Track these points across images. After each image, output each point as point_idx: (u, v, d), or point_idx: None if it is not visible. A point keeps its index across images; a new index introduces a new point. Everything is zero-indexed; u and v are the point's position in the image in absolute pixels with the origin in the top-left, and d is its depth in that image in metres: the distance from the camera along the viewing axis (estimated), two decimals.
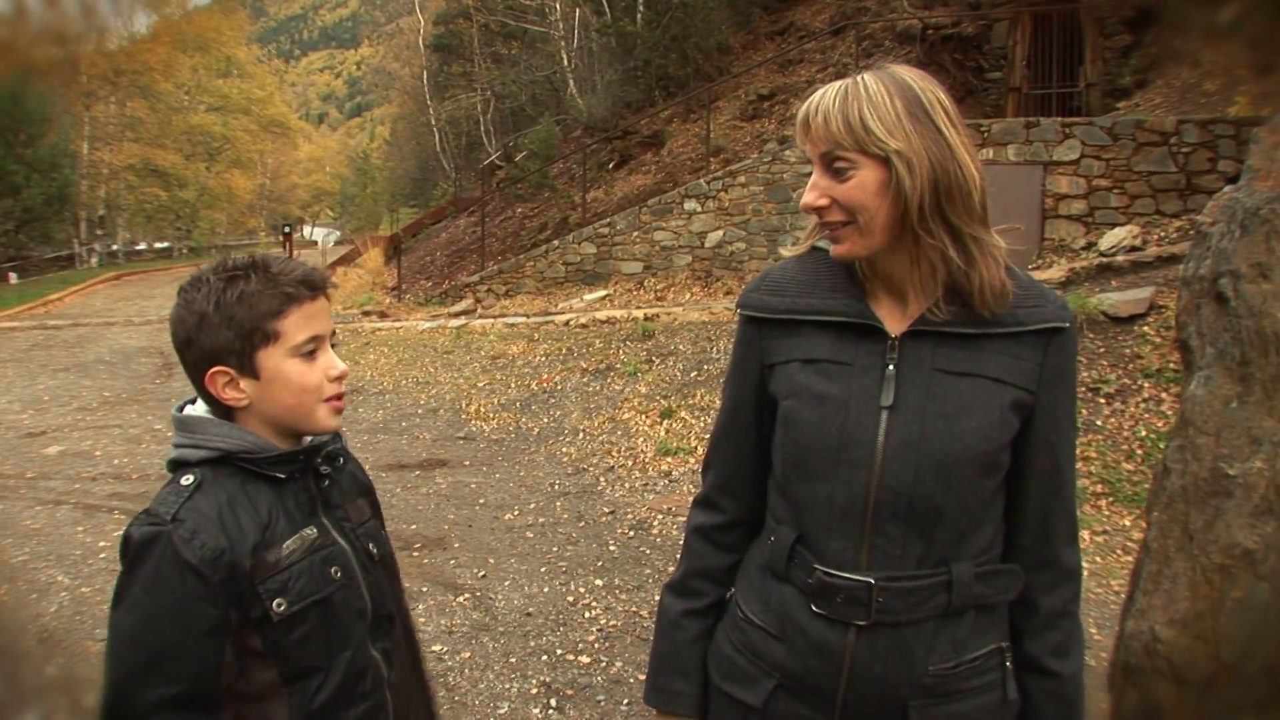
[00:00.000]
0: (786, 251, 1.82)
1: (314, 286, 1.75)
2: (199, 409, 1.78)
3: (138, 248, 45.33)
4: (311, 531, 1.75)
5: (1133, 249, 11.12)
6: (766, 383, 1.78)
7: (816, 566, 1.68)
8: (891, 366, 1.66)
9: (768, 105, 17.55)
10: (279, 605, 1.66)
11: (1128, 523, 6.68)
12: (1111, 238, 11.44)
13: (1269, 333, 2.50)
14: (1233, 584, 2.42)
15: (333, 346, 1.79)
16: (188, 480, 1.68)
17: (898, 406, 1.64)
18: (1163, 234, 11.39)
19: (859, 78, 1.64)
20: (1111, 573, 5.94)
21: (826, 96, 1.65)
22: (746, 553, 1.89)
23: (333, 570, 1.75)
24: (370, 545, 1.88)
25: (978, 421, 1.63)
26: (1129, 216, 11.94)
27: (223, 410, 1.75)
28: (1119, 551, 6.27)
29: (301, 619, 1.69)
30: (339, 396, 1.78)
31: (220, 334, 1.69)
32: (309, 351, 1.73)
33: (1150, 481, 2.76)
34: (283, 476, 1.74)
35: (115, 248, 41.44)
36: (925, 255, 1.64)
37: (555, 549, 6.52)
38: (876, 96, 1.61)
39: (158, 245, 47.15)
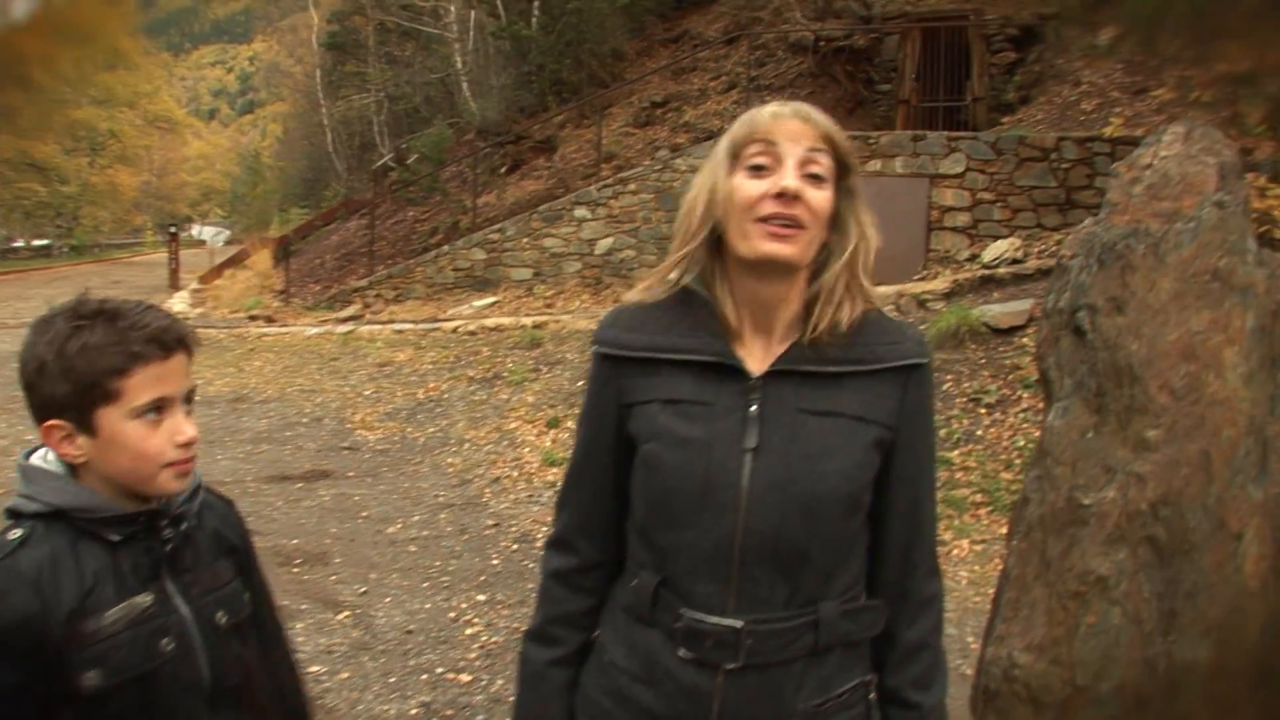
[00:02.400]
0: (633, 296, 1.79)
1: (166, 346, 1.64)
2: (42, 457, 1.69)
3: (14, 245, 43.75)
4: (145, 599, 1.64)
5: (1014, 261, 11.41)
6: (625, 423, 1.75)
7: (683, 611, 1.66)
8: (754, 407, 1.64)
9: (660, 112, 17.61)
10: (90, 679, 1.56)
11: (1005, 531, 6.78)
12: (994, 250, 11.71)
13: (1123, 365, 2.56)
14: (1087, 610, 2.48)
15: (187, 405, 1.69)
16: (14, 535, 1.59)
17: (762, 449, 1.63)
18: (1043, 247, 11.69)
19: (805, 104, 1.67)
20: (989, 581, 6.04)
21: (808, 107, 1.67)
22: (609, 595, 1.86)
23: (164, 643, 1.65)
24: (219, 614, 1.76)
25: (841, 462, 1.63)
26: (1011, 229, 12.22)
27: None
28: (997, 560, 6.37)
29: (116, 695, 1.59)
30: (187, 460, 1.67)
31: (59, 385, 1.59)
32: (153, 414, 1.63)
33: (1011, 510, 2.81)
34: (116, 539, 1.64)
35: None
36: (820, 292, 1.66)
37: (438, 563, 6.42)
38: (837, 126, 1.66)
39: (36, 243, 45.53)
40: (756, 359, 1.68)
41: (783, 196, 1.59)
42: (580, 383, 10.21)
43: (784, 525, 1.61)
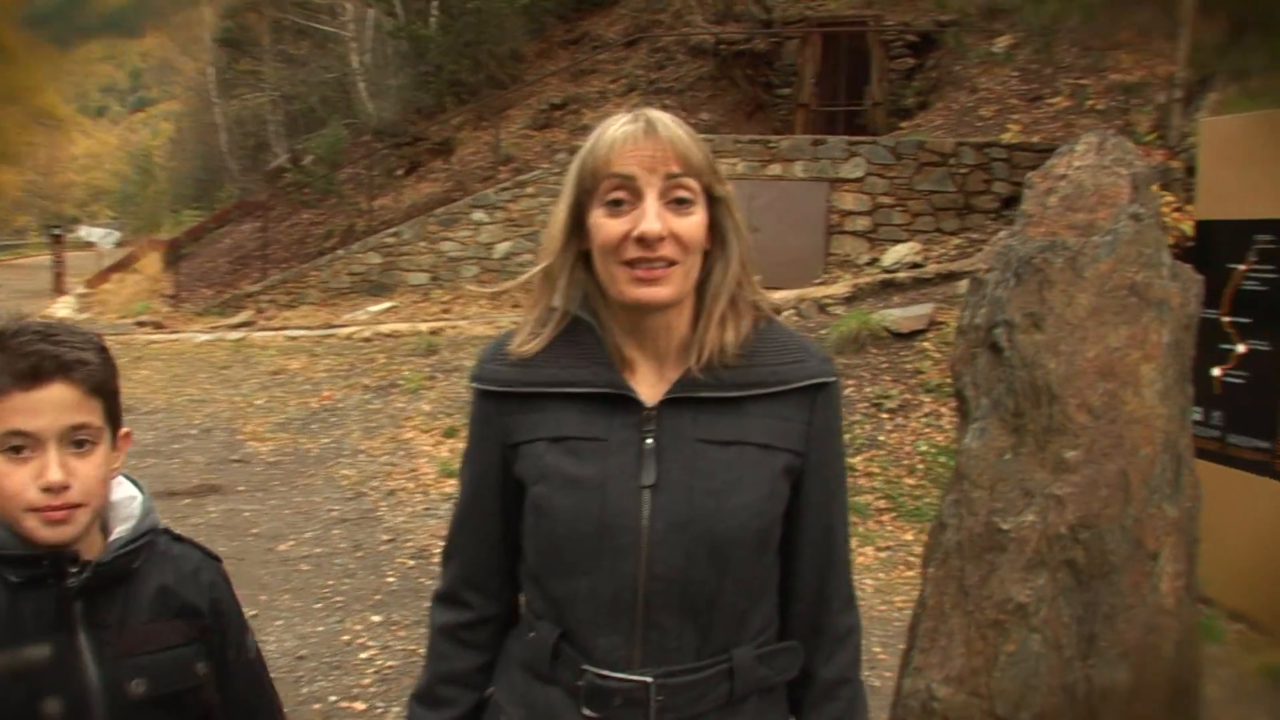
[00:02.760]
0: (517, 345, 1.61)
1: (23, 376, 1.47)
2: None
3: None
4: (40, 651, 1.47)
5: (914, 265, 11.49)
6: (510, 464, 1.59)
7: (585, 667, 1.51)
8: (650, 440, 1.50)
9: (559, 115, 17.45)
10: None
11: (910, 537, 6.80)
12: (894, 254, 11.79)
13: (1041, 384, 2.48)
14: (1006, 638, 2.39)
15: (74, 443, 1.51)
16: None
17: (661, 485, 1.48)
18: (942, 251, 11.81)
19: (657, 114, 1.51)
20: (894, 589, 6.02)
21: (661, 118, 1.50)
22: (503, 648, 1.70)
23: (48, 704, 1.47)
24: (135, 681, 1.55)
25: (749, 496, 1.49)
26: (911, 234, 12.33)
27: None
28: (901, 567, 6.37)
29: None
30: (59, 508, 1.48)
31: None
32: (14, 448, 1.46)
33: (928, 534, 2.71)
34: (16, 581, 1.48)
35: None
36: (704, 313, 1.53)
37: (331, 582, 6.15)
38: (696, 136, 1.50)
39: None
40: (650, 387, 1.54)
41: (644, 240, 1.44)
42: None
43: (690, 568, 1.47)
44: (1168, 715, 2.61)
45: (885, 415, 8.27)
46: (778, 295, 10.74)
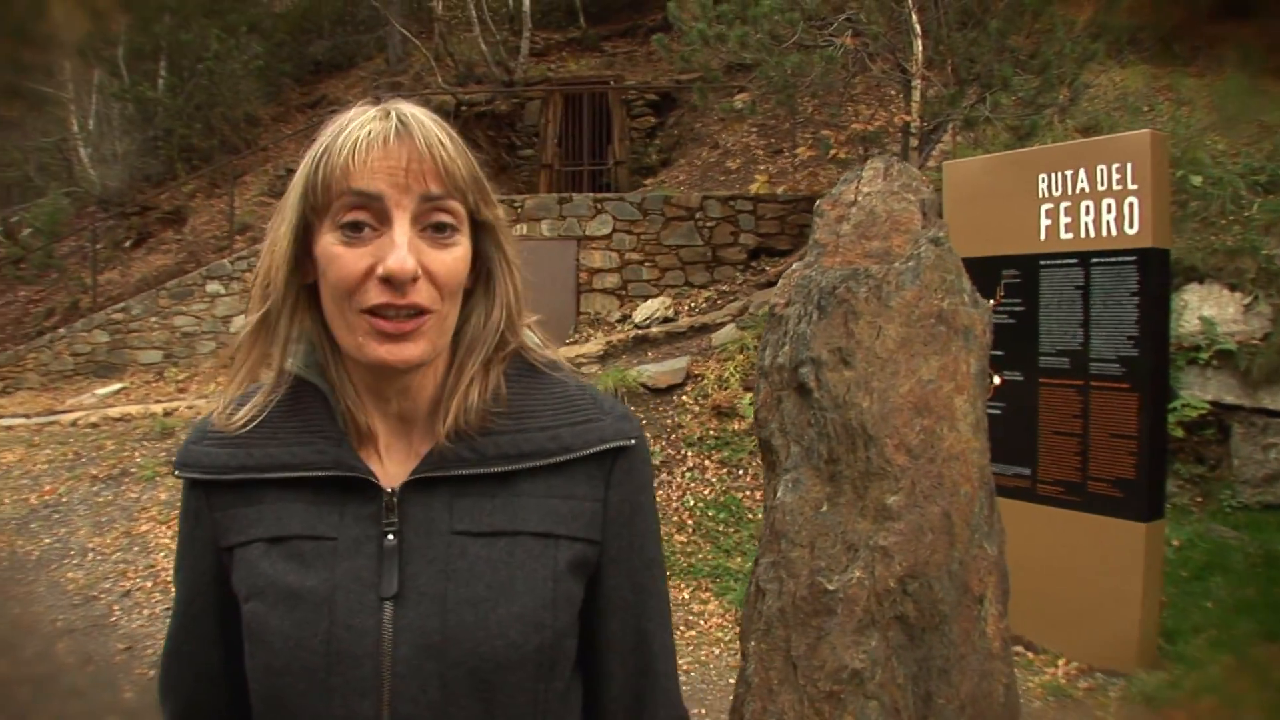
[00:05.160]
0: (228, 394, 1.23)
1: None
2: None
3: None
4: None
5: (666, 320, 11.48)
6: (227, 574, 1.20)
7: None
8: (392, 536, 1.14)
9: None
10: None
11: (686, 595, 6.62)
12: (645, 310, 11.75)
13: (855, 425, 2.25)
14: (843, 710, 2.14)
15: None
16: None
17: (406, 595, 1.13)
18: (693, 304, 11.86)
19: (411, 110, 1.16)
20: (678, 651, 5.78)
21: (416, 115, 1.15)
22: None
23: None
24: None
25: (523, 604, 1.14)
26: (660, 289, 12.34)
27: None
28: (682, 627, 6.18)
29: None
30: None
31: None
32: None
33: (743, 605, 2.45)
34: None
35: None
36: (455, 368, 1.20)
37: (56, 706, 5.37)
38: (459, 143, 1.16)
39: None
40: (399, 464, 1.19)
41: (391, 281, 1.10)
42: None
43: (448, 704, 1.11)
44: None
45: None
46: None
